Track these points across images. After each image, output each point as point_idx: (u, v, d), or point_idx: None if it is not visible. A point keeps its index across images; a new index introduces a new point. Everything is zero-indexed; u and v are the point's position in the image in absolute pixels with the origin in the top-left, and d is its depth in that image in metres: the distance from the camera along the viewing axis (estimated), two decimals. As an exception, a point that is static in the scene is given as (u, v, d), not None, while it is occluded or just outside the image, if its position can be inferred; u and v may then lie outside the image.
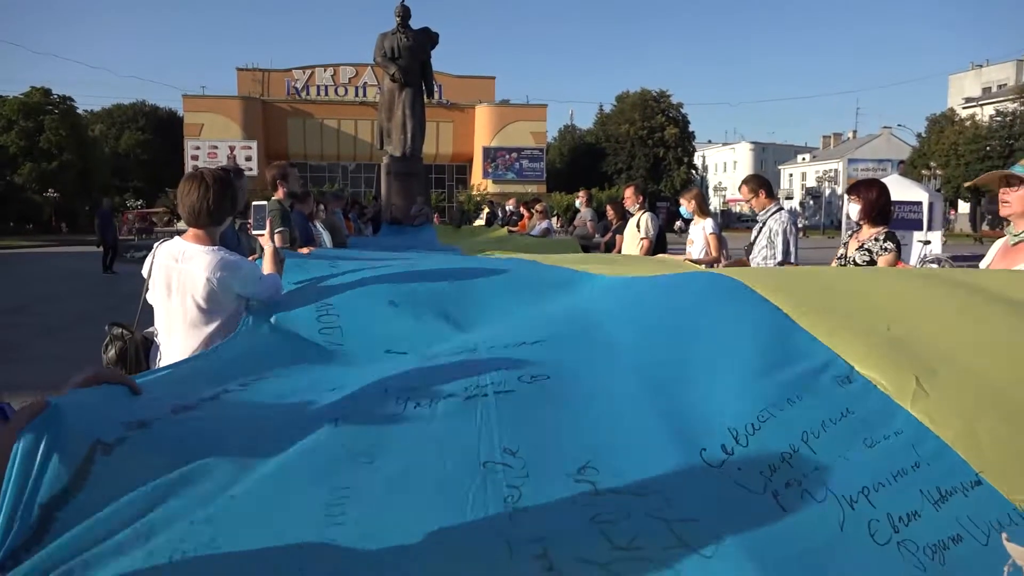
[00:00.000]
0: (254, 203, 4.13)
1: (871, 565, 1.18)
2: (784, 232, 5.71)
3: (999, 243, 3.28)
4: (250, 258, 3.92)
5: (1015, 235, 3.10)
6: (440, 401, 1.53)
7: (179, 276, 3.07)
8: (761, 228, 5.88)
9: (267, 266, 3.57)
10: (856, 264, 4.57)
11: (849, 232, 5.09)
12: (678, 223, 26.91)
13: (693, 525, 1.23)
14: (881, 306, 2.01)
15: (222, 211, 3.12)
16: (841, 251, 4.90)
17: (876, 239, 4.60)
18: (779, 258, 5.66)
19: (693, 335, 1.81)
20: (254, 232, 3.98)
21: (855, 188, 4.85)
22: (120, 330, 3.47)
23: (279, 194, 5.91)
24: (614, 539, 1.21)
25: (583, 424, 1.51)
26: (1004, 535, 1.18)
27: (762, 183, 6.05)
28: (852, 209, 4.78)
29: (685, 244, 7.44)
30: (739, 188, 6.30)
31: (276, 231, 4.79)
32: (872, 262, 4.53)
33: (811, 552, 1.17)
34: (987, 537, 1.19)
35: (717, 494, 1.29)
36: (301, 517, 1.25)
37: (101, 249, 21.27)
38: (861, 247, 4.65)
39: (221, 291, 3.03)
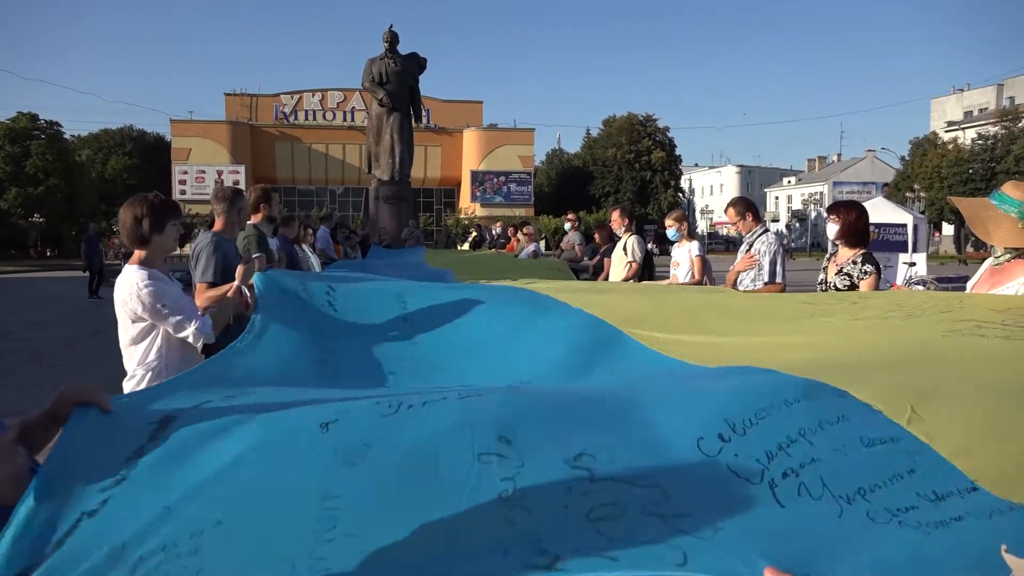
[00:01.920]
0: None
1: (871, 538, 1.23)
2: (772, 253, 5.69)
3: (986, 264, 3.35)
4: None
5: (997, 257, 3.21)
6: (433, 403, 1.53)
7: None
8: (747, 250, 5.87)
9: (204, 300, 3.91)
10: (837, 289, 4.52)
11: (828, 255, 5.05)
12: (651, 245, 26.89)
13: (688, 519, 1.26)
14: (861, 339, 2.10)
15: (151, 233, 3.44)
16: (821, 276, 4.86)
17: (855, 262, 4.57)
18: (766, 279, 5.64)
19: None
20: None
21: (835, 208, 4.84)
22: None
23: (258, 217, 5.77)
24: (610, 535, 1.23)
25: (579, 416, 1.52)
26: (1003, 547, 1.21)
27: (748, 206, 5.99)
28: (830, 229, 4.77)
29: (670, 267, 7.42)
30: (725, 210, 6.20)
31: (253, 256, 4.69)
32: (853, 286, 4.48)
33: (809, 532, 1.21)
34: (989, 515, 1.23)
35: (713, 484, 1.31)
36: (291, 540, 1.25)
37: (87, 274, 21.18)
38: (840, 271, 4.61)
39: (132, 307, 3.41)
